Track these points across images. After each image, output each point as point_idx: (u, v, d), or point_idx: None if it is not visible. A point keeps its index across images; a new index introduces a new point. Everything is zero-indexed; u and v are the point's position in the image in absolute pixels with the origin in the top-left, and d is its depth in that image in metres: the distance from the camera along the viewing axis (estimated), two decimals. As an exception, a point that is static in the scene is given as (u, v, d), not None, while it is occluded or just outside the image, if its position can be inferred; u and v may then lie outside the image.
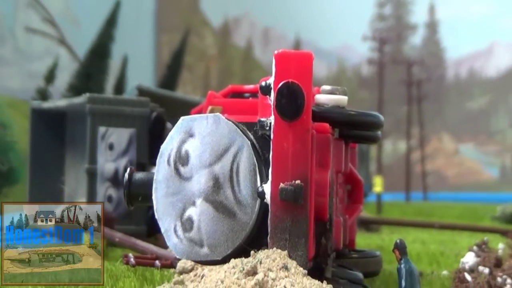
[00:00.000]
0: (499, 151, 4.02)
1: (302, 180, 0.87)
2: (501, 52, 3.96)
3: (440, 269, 1.31)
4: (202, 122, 0.96)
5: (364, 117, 1.04)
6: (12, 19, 3.47)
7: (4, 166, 2.29)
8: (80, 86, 2.88)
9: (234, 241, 0.93)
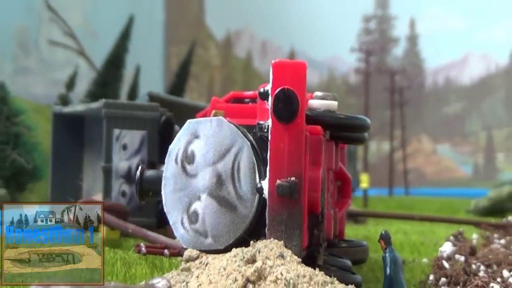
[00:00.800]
0: (472, 151, 4.02)
1: (296, 177, 0.87)
2: (474, 63, 3.97)
3: (421, 257, 1.31)
4: (206, 125, 0.95)
5: (353, 120, 1.04)
6: (37, 33, 3.46)
7: (29, 164, 2.28)
8: (97, 93, 2.87)
9: (235, 232, 0.92)
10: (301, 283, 0.80)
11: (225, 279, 0.80)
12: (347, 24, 4.05)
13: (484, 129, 4.00)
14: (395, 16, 4.07)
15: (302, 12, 4.06)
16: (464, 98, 4.02)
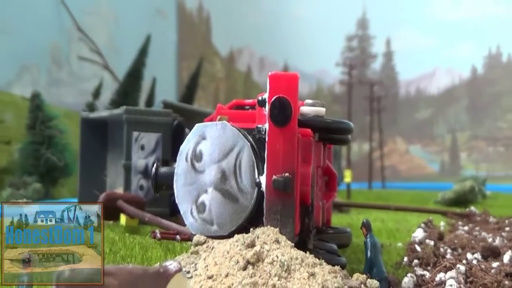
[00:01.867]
0: (439, 151, 4.01)
1: (290, 173, 0.86)
2: (441, 76, 3.97)
3: (396, 242, 1.30)
4: (212, 128, 0.95)
5: (338, 124, 1.03)
6: (68, 50, 3.46)
7: (61, 162, 2.27)
8: (119, 101, 2.86)
9: (237, 221, 0.92)
10: (294, 264, 0.79)
11: (229, 261, 0.79)
12: (333, 43, 4.05)
13: (449, 132, 4.00)
14: (374, 36, 4.07)
15: (294, 32, 4.07)
16: (432, 105, 4.02)
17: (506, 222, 1.67)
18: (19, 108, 2.67)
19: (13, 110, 2.71)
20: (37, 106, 2.31)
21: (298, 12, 4.10)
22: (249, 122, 0.99)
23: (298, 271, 0.78)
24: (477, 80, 3.89)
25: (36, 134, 2.28)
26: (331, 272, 0.80)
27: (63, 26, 3.40)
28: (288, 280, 0.76)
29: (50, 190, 2.29)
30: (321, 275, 0.79)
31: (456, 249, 1.14)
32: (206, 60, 4.13)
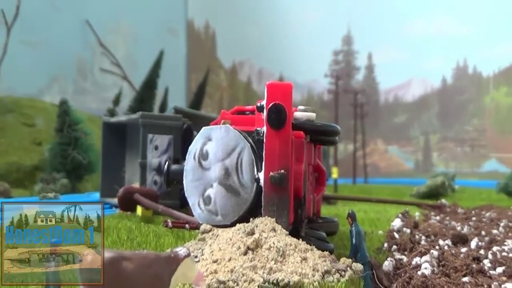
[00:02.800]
0: (414, 151, 4.01)
1: (285, 170, 0.86)
2: (416, 85, 3.98)
3: (377, 230, 1.30)
4: (217, 131, 0.95)
5: (327, 127, 1.03)
6: (92, 63, 3.46)
7: (85, 160, 2.27)
8: (136, 107, 2.86)
9: (238, 212, 0.91)
10: (288, 250, 0.79)
11: (231, 247, 0.79)
12: (322, 56, 4.06)
13: (422, 134, 3.99)
14: (357, 51, 4.07)
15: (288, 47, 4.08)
16: (408, 111, 4.02)
17: (472, 212, 1.67)
18: (49, 114, 2.67)
19: (44, 115, 2.71)
20: (64, 111, 2.31)
21: (292, 30, 4.10)
22: (249, 126, 0.99)
23: (292, 256, 0.77)
24: (446, 89, 3.89)
25: (64, 136, 2.27)
26: (321, 256, 0.80)
27: (88, 42, 3.40)
28: (283, 263, 0.76)
29: (76, 185, 2.28)
30: (312, 259, 0.78)
31: (429, 236, 1.13)
32: (212, 71, 4.13)
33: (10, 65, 2.77)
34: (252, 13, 4.19)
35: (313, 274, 0.75)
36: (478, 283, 0.72)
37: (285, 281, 0.72)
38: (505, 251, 0.94)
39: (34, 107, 2.76)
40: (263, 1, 4.18)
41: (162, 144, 1.63)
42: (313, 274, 0.75)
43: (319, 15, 4.07)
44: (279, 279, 0.72)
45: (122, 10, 3.61)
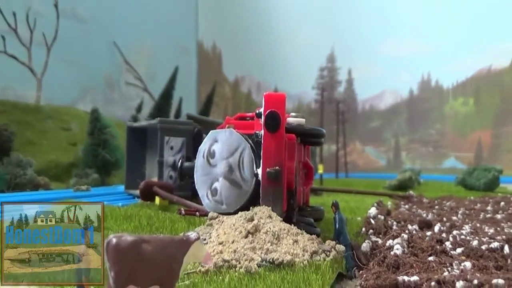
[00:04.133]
0: (386, 150, 4.01)
1: (279, 167, 0.86)
2: (388, 96, 3.98)
3: (356, 216, 1.29)
4: (222, 133, 0.94)
5: (314, 131, 1.03)
6: (118, 77, 3.46)
7: (113, 158, 2.26)
8: (155, 114, 2.84)
9: (240, 202, 0.91)
10: (282, 233, 0.78)
11: (234, 231, 0.78)
12: (310, 72, 4.07)
13: (393, 137, 3.99)
14: (339, 67, 4.08)
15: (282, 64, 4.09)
16: (381, 118, 4.01)
17: (435, 202, 1.66)
18: (82, 120, 2.66)
19: (78, 121, 2.70)
20: (95, 118, 2.30)
21: (285, 50, 4.11)
22: (249, 129, 0.98)
23: (285, 239, 0.77)
24: (413, 99, 3.89)
25: (95, 138, 2.27)
26: (310, 239, 0.79)
27: (115, 60, 3.39)
28: (278, 245, 0.75)
29: (105, 179, 2.27)
30: (302, 241, 0.77)
31: (400, 222, 1.13)
32: (218, 84, 4.13)
33: (50, 79, 2.76)
34: (252, 36, 4.20)
35: (303, 254, 0.74)
36: (441, 261, 0.72)
37: (279, 260, 0.71)
38: (463, 235, 0.93)
39: (70, 114, 2.75)
40: (261, 26, 4.18)
41: (176, 145, 1.63)
42: (303, 254, 0.74)
43: (307, 38, 4.08)
44: (274, 258, 0.71)
45: (143, 33, 3.60)
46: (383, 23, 3.86)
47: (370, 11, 3.90)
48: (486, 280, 0.58)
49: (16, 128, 2.27)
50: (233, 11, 4.22)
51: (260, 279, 0.64)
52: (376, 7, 3.89)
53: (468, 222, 1.13)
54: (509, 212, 1.34)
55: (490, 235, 0.91)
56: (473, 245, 0.81)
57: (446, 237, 0.89)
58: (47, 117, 2.61)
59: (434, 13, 3.73)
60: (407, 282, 0.59)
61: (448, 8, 3.70)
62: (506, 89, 3.60)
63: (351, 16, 3.95)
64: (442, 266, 0.69)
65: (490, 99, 3.66)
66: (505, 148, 3.59)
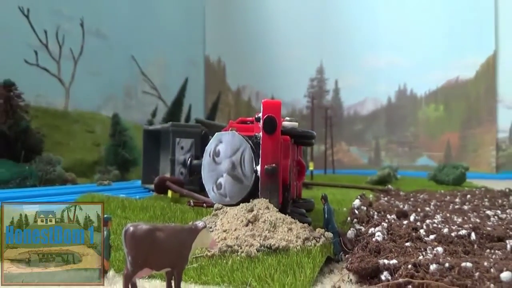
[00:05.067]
0: (368, 150, 4.01)
1: (276, 164, 0.85)
2: (369, 103, 3.98)
3: (342, 207, 1.28)
4: (226, 135, 0.94)
5: (306, 133, 1.02)
6: (136, 87, 3.45)
7: (131, 157, 2.26)
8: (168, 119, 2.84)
9: (241, 195, 0.90)
10: (278, 222, 0.77)
11: (236, 220, 0.78)
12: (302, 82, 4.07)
13: (374, 138, 3.99)
14: (327, 78, 4.08)
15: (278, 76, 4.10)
16: (363, 122, 4.01)
17: (410, 195, 1.66)
18: (104, 123, 2.65)
19: (101, 124, 2.69)
20: (116, 122, 2.29)
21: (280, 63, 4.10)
22: (250, 132, 0.98)
23: (281, 227, 0.76)
24: (391, 106, 3.89)
25: (115, 140, 2.26)
26: (302, 227, 0.79)
27: (133, 72, 3.38)
28: (274, 232, 0.75)
29: (124, 175, 2.27)
30: (296, 229, 0.77)
31: (380, 212, 1.12)
32: (223, 93, 4.13)
33: (77, 89, 2.75)
34: (252, 51, 4.20)
35: (296, 240, 0.74)
36: (417, 247, 0.71)
37: (276, 245, 0.70)
38: (435, 223, 0.93)
39: (94, 118, 2.75)
40: (260, 42, 4.18)
41: (186, 145, 1.62)
42: (296, 240, 0.74)
43: (299, 53, 4.08)
44: (271, 244, 0.71)
45: (158, 48, 3.59)
46: (365, 40, 3.86)
47: (353, 29, 3.91)
48: (456, 263, 0.57)
49: (47, 131, 2.26)
50: (236, 29, 4.22)
51: (259, 262, 0.64)
52: (359, 26, 3.90)
53: (439, 213, 1.12)
54: (475, 204, 1.33)
55: (459, 224, 0.91)
56: (444, 233, 0.81)
57: (420, 226, 0.89)
58: (74, 121, 2.60)
59: (409, 31, 3.74)
60: (387, 264, 0.59)
61: (421, 27, 3.70)
62: (471, 97, 3.60)
63: (337, 34, 3.95)
64: (418, 251, 0.68)
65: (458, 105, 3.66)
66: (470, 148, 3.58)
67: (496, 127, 3.48)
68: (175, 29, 3.77)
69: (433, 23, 3.66)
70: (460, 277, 0.54)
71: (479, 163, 3.51)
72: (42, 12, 2.58)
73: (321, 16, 3.99)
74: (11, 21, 2.43)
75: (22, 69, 2.44)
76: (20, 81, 2.01)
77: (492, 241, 0.77)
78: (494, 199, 1.46)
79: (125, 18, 3.25)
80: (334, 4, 3.97)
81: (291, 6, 4.07)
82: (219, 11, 4.24)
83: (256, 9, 4.17)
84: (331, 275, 0.65)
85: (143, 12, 3.42)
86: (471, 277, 0.54)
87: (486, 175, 3.23)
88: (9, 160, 1.88)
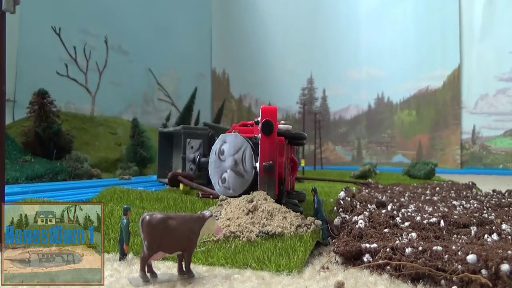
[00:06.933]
0: (351, 149, 4.00)
1: (272, 161, 0.84)
2: (352, 109, 3.98)
3: (329, 198, 1.28)
4: (230, 136, 0.93)
5: (298, 135, 1.01)
6: (152, 95, 3.44)
7: (148, 155, 2.24)
8: (179, 123, 2.84)
9: (243, 188, 0.90)
10: (275, 211, 0.77)
11: (238, 210, 0.77)
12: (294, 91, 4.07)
13: (356, 139, 3.98)
14: (316, 87, 4.08)
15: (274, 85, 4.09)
16: (347, 125, 4.01)
17: (388, 187, 1.65)
18: (125, 126, 2.64)
19: (122, 127, 2.68)
20: (135, 125, 2.28)
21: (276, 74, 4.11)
22: (250, 133, 0.97)
23: (277, 215, 0.76)
24: (371, 111, 3.88)
25: (135, 140, 2.25)
26: (295, 216, 0.78)
27: (150, 82, 3.38)
28: (271, 220, 0.74)
29: (142, 171, 2.26)
30: (290, 217, 0.76)
31: (362, 203, 1.11)
32: (227, 101, 4.13)
33: (101, 96, 2.74)
34: (252, 64, 4.20)
35: (290, 227, 0.73)
36: (394, 232, 0.71)
37: (272, 231, 0.70)
38: (409, 212, 0.92)
39: (116, 122, 2.74)
40: (259, 56, 4.18)
41: (195, 145, 1.61)
42: (290, 227, 0.73)
43: (293, 65, 4.08)
44: (269, 230, 0.70)
45: (171, 62, 3.59)
46: (349, 54, 3.86)
47: (339, 45, 3.91)
48: (428, 247, 0.57)
49: (76, 132, 2.25)
50: (238, 46, 4.22)
51: (258, 246, 0.63)
52: (344, 43, 3.90)
53: (412, 203, 1.12)
54: (443, 195, 1.33)
55: (430, 213, 0.90)
56: (417, 220, 0.80)
57: (396, 214, 0.89)
58: (99, 124, 2.59)
59: (386, 48, 3.75)
60: (368, 248, 0.58)
61: (396, 44, 3.71)
62: (439, 104, 3.60)
63: (325, 49, 3.95)
64: (395, 236, 0.68)
65: (428, 111, 3.66)
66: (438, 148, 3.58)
67: (460, 129, 3.49)
68: (186, 46, 3.76)
69: (406, 40, 3.66)
70: (432, 259, 0.53)
71: (446, 160, 3.51)
72: (72, 31, 2.57)
73: (311, 35, 3.99)
74: (45, 38, 2.42)
75: (55, 79, 2.44)
76: (53, 90, 2.01)
77: (459, 228, 0.76)
78: (459, 191, 1.45)
79: (143, 36, 3.24)
80: (323, 24, 3.98)
81: (286, 26, 4.07)
82: (224, 31, 4.23)
83: (256, 28, 4.16)
84: (320, 257, 0.64)
85: (158, 31, 3.41)
86: (441, 259, 0.53)
87: (452, 171, 3.24)
88: (43, 158, 1.87)
